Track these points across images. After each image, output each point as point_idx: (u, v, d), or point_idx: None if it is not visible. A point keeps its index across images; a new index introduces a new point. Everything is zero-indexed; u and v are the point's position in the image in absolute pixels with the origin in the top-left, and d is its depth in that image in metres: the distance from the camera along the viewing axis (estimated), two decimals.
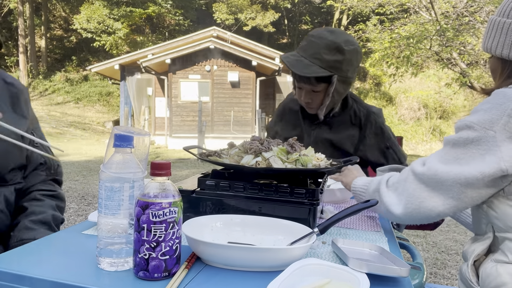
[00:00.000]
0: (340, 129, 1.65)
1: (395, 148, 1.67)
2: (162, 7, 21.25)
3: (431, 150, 17.14)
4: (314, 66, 1.42)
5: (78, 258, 0.80)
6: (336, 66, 1.44)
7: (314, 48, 1.44)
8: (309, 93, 1.53)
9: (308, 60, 1.44)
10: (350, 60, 1.46)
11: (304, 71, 1.42)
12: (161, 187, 0.71)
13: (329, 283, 0.71)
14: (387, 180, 1.03)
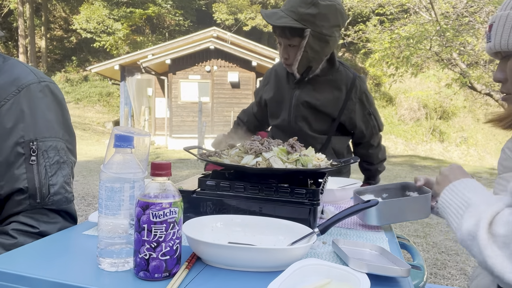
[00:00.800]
0: (323, 91, 1.65)
1: (376, 115, 1.74)
2: (162, 7, 21.26)
3: (431, 150, 17.14)
4: (287, 18, 1.45)
5: (78, 259, 0.80)
6: (309, 20, 1.45)
7: (292, 2, 1.48)
8: (286, 48, 1.55)
9: (284, 13, 1.47)
10: (325, 15, 1.46)
11: (277, 21, 1.45)
12: (162, 187, 0.71)
13: (330, 283, 0.71)
14: (490, 223, 0.71)
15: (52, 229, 1.03)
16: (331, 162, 1.20)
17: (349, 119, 1.66)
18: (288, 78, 1.72)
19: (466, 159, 16.42)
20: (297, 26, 1.45)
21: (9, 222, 0.99)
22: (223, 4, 21.83)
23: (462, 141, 17.94)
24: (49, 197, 1.01)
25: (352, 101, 1.65)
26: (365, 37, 11.95)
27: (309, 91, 1.65)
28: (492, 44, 0.90)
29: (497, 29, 0.88)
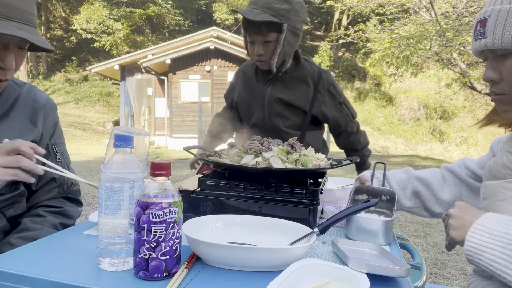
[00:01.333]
0: (293, 86, 1.71)
1: (347, 104, 1.78)
2: (162, 7, 21.26)
3: (431, 150, 17.15)
4: (265, 14, 1.51)
5: (78, 258, 0.80)
6: (285, 15, 1.53)
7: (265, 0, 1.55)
8: (261, 44, 1.59)
9: (259, 10, 1.53)
10: (297, 11, 1.57)
11: (257, 17, 1.50)
12: (161, 187, 0.71)
13: (329, 283, 0.71)
14: None
15: (73, 212, 1.24)
16: (331, 162, 1.20)
17: (321, 111, 1.72)
18: (257, 77, 1.77)
19: None
20: (277, 21, 1.52)
21: (35, 207, 1.18)
22: (223, 4, 21.83)
23: (462, 141, 17.95)
24: (71, 187, 1.26)
25: (321, 93, 1.70)
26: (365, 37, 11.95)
27: (279, 88, 1.70)
28: (489, 41, 0.81)
29: (496, 25, 0.80)
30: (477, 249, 0.70)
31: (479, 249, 0.69)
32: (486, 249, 0.68)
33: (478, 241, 0.70)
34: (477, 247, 0.70)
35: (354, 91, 21.16)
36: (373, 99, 20.30)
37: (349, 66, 22.39)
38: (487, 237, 0.69)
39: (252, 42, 1.62)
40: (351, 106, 1.81)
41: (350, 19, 22.04)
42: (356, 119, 1.85)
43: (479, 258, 0.69)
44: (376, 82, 20.88)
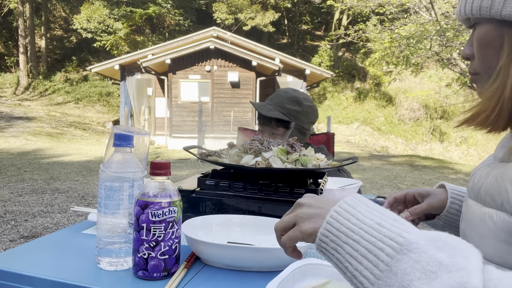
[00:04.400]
0: None
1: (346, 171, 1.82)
2: (162, 7, 21.26)
3: (431, 150, 17.15)
4: (276, 111, 1.70)
5: (77, 258, 0.80)
6: (294, 115, 1.70)
7: (279, 99, 1.73)
8: (269, 136, 1.73)
9: (272, 107, 1.72)
10: (307, 113, 1.73)
11: (268, 113, 1.69)
12: (161, 186, 0.71)
13: (329, 283, 0.71)
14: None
15: None
16: (331, 162, 1.20)
17: None
18: None
19: (466, 159, 16.43)
20: (285, 119, 1.69)
21: None
22: (223, 4, 21.83)
23: (462, 141, 17.96)
24: None
25: None
26: (365, 36, 11.94)
27: None
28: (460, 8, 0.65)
29: None
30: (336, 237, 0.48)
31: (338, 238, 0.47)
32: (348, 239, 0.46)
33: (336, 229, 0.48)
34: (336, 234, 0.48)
35: (354, 91, 21.16)
36: (373, 99, 20.30)
37: (349, 66, 22.39)
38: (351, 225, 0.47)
39: (262, 131, 1.78)
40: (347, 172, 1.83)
41: (350, 19, 22.04)
42: None
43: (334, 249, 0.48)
44: (376, 82, 20.89)
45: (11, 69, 20.95)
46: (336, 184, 1.50)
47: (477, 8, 0.61)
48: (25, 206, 4.61)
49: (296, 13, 24.86)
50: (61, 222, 4.02)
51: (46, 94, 19.49)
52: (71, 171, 7.31)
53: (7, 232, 3.68)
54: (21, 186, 5.77)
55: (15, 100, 17.69)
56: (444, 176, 8.97)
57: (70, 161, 8.66)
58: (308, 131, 1.78)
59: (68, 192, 5.47)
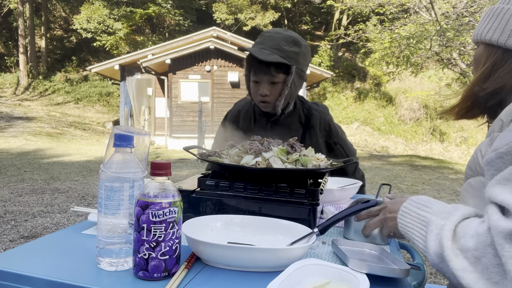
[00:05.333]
0: (287, 133, 1.65)
1: (342, 143, 1.73)
2: (162, 7, 21.26)
3: (431, 150, 17.14)
4: (275, 55, 1.47)
5: (77, 258, 0.80)
6: (294, 57, 1.51)
7: (273, 41, 1.50)
8: (267, 85, 1.55)
9: (269, 51, 1.49)
10: (305, 54, 1.55)
11: (267, 57, 1.45)
12: (161, 187, 0.71)
13: (329, 283, 0.71)
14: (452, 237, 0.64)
15: None
16: (331, 162, 1.20)
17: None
18: (254, 124, 1.70)
19: (466, 159, 16.41)
20: (286, 63, 1.48)
21: None
22: (223, 4, 21.83)
23: (462, 141, 17.95)
24: None
25: (312, 134, 1.65)
26: (365, 36, 11.94)
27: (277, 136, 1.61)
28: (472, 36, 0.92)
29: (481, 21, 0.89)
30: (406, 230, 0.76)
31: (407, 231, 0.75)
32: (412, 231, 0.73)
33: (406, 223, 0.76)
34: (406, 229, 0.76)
35: (354, 91, 21.16)
36: (373, 99, 20.29)
37: (349, 66, 22.39)
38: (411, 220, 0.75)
39: (257, 82, 1.57)
40: (348, 146, 1.74)
41: (350, 19, 22.04)
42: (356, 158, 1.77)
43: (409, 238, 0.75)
44: (376, 82, 20.89)
45: (11, 69, 20.95)
46: (336, 184, 1.50)
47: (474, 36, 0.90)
48: (25, 206, 4.61)
49: (296, 13, 24.86)
50: (61, 222, 4.02)
51: (46, 94, 19.49)
52: (71, 171, 7.31)
53: (7, 232, 3.68)
54: (21, 186, 5.77)
55: (15, 100, 17.69)
56: (444, 176, 8.97)
57: (70, 161, 8.66)
58: (305, 74, 1.60)
59: (68, 192, 5.47)
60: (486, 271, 0.58)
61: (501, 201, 0.61)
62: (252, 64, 1.55)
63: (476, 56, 0.90)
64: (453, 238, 0.63)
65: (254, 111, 1.73)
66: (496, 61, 0.84)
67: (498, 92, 0.83)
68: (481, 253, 0.59)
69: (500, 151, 0.66)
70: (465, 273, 0.60)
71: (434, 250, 0.65)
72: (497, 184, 0.63)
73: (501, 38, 0.83)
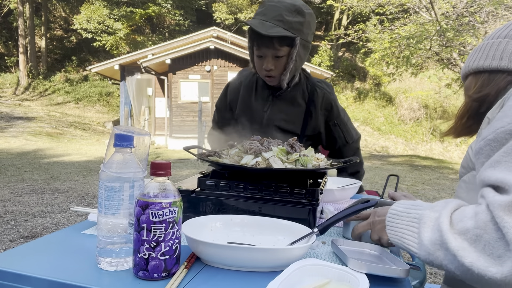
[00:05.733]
0: (290, 107, 1.62)
1: (342, 127, 1.67)
2: (162, 7, 21.27)
3: (431, 150, 17.14)
4: (278, 28, 1.40)
5: (77, 258, 0.80)
6: (298, 28, 1.43)
7: (276, 11, 1.42)
8: (271, 59, 1.49)
9: (271, 23, 1.41)
10: (309, 23, 1.48)
11: (270, 31, 1.38)
12: (161, 187, 0.71)
13: (329, 283, 0.71)
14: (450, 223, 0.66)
15: None
16: (331, 162, 1.20)
17: (316, 126, 1.63)
18: (256, 94, 1.67)
19: None
20: (290, 35, 1.41)
21: None
22: (223, 4, 21.82)
23: (462, 141, 17.94)
24: None
25: (314, 112, 1.61)
26: (365, 36, 11.95)
27: (276, 111, 1.62)
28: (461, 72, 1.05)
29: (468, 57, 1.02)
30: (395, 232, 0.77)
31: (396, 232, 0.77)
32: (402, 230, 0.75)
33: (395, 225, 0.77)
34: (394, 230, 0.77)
35: (354, 91, 21.16)
36: (373, 99, 20.29)
37: (349, 66, 22.39)
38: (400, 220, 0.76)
39: (260, 56, 1.51)
40: (348, 130, 1.69)
41: (350, 19, 22.04)
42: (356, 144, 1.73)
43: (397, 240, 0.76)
44: (376, 82, 20.89)
45: (11, 69, 20.95)
46: (336, 184, 1.50)
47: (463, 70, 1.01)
48: (25, 206, 4.61)
49: None
50: (61, 222, 4.02)
51: (46, 94, 19.49)
52: (71, 171, 7.31)
53: (7, 232, 3.68)
54: (21, 186, 5.77)
55: (15, 100, 17.69)
56: (444, 176, 8.97)
57: (70, 161, 8.66)
58: (311, 43, 1.53)
59: (68, 192, 5.47)
60: (488, 247, 0.59)
61: (494, 181, 0.64)
62: (254, 37, 1.49)
63: (466, 86, 1.01)
64: (450, 224, 0.65)
65: (256, 82, 1.69)
66: (483, 82, 0.94)
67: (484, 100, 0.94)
68: (482, 230, 0.60)
69: (488, 138, 0.69)
70: (465, 252, 0.61)
71: (430, 239, 0.66)
72: (488, 168, 0.66)
73: (485, 62, 0.94)
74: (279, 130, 1.61)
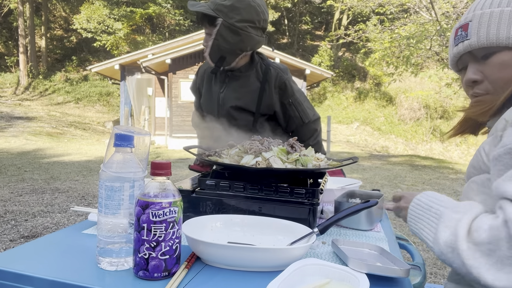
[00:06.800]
0: (244, 87, 1.69)
1: (297, 106, 1.70)
2: (162, 7, 21.26)
3: (431, 150, 17.14)
4: (204, 7, 1.55)
5: (78, 258, 0.80)
6: (221, 10, 1.53)
7: None
8: (205, 36, 1.63)
9: (204, 1, 1.59)
10: (238, 8, 1.54)
11: (193, 7, 1.54)
12: (161, 186, 0.71)
13: (329, 283, 0.71)
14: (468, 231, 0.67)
15: None
16: (331, 162, 1.20)
17: (267, 107, 1.68)
18: (215, 77, 1.76)
19: (466, 158, 16.42)
20: (210, 14, 1.53)
21: None
22: None
23: (462, 141, 17.95)
24: None
25: (269, 91, 1.67)
26: (365, 36, 11.95)
27: (231, 92, 1.70)
28: (473, 40, 0.84)
29: (480, 26, 0.83)
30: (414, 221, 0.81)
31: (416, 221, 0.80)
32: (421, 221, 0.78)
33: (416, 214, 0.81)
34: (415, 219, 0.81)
35: (354, 91, 21.16)
36: (373, 99, 20.29)
37: (349, 66, 22.39)
38: (422, 211, 0.79)
39: (207, 34, 1.64)
40: (304, 109, 1.70)
41: (350, 19, 22.04)
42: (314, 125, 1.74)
43: (415, 228, 0.80)
44: (376, 82, 20.89)
45: (11, 69, 20.95)
46: (336, 184, 1.50)
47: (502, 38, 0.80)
48: (25, 206, 4.61)
49: (296, 13, 24.86)
50: (61, 222, 4.02)
51: (46, 94, 19.49)
52: (71, 171, 7.31)
53: (7, 232, 3.68)
54: (21, 186, 5.77)
55: (15, 100, 17.69)
56: (444, 176, 8.97)
57: (70, 161, 8.66)
58: (244, 31, 1.55)
59: (68, 192, 5.47)
60: (500, 263, 0.61)
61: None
62: (196, 17, 1.65)
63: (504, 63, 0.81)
64: (468, 232, 0.67)
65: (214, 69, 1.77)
66: None
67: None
68: (495, 246, 0.62)
69: (509, 147, 0.68)
70: (477, 264, 0.63)
71: (446, 240, 0.69)
72: (508, 181, 0.65)
73: None
74: (234, 109, 1.69)
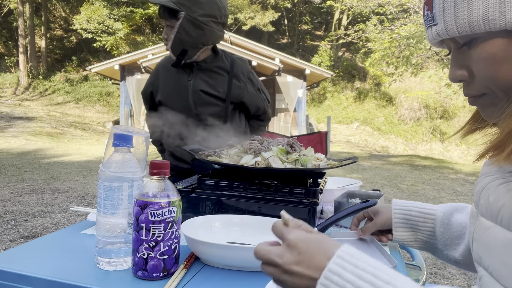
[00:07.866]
0: (213, 77, 1.78)
1: (264, 89, 1.89)
2: None
3: (431, 150, 17.14)
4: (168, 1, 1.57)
5: (77, 258, 0.80)
6: (184, 4, 1.57)
7: None
8: (166, 28, 1.67)
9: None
10: (200, 2, 1.58)
11: (155, 0, 1.57)
12: (160, 186, 0.71)
13: None
14: None
15: None
16: (331, 162, 1.20)
17: (238, 98, 1.78)
18: (178, 71, 1.81)
19: (466, 159, 16.42)
20: (172, 7, 1.56)
21: None
22: None
23: (462, 141, 17.95)
24: None
25: (240, 81, 1.79)
26: (365, 36, 11.95)
27: (202, 79, 1.77)
28: (440, 28, 0.58)
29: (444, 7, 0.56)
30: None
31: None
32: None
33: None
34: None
35: (354, 91, 21.15)
36: (373, 99, 20.29)
37: (349, 66, 22.39)
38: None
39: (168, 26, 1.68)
40: (266, 91, 1.93)
41: (350, 19, 22.04)
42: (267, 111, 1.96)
43: None
44: (376, 82, 20.89)
45: (11, 69, 20.95)
46: (336, 184, 1.50)
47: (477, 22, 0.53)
48: (25, 206, 4.61)
49: (296, 13, 24.86)
50: (61, 222, 4.02)
51: (46, 94, 19.49)
52: (71, 171, 7.31)
53: (7, 232, 3.68)
54: (21, 186, 5.77)
55: (15, 100, 17.69)
56: (444, 176, 8.97)
57: (70, 161, 8.66)
58: (207, 26, 1.62)
59: (68, 192, 5.47)
60: None
61: None
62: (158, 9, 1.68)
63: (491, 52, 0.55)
64: None
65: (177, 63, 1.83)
66: None
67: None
68: None
69: None
70: None
71: None
72: None
73: None
74: (205, 94, 1.75)
